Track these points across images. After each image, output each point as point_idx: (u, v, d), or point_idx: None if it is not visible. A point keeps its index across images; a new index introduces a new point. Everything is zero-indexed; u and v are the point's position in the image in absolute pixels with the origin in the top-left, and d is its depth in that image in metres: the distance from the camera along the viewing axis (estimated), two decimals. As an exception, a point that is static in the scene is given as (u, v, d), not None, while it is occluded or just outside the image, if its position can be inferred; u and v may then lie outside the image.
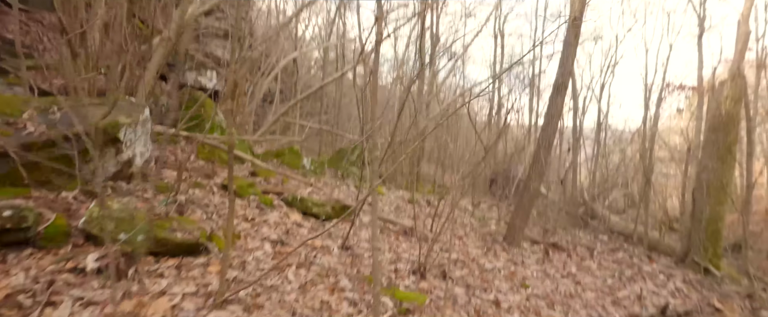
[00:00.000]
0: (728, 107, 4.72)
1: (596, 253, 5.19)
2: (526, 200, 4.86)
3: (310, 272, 2.89)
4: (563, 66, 4.63)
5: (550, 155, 4.88)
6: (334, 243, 3.58)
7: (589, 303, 3.38)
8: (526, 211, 4.88)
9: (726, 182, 4.70)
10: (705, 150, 4.92)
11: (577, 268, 4.42)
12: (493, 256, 4.34)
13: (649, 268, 4.71)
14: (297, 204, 4.42)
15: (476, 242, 5.07)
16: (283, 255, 3.06)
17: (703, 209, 4.77)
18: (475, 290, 3.17)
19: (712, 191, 4.71)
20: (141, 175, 3.51)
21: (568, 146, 10.99)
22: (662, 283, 4.22)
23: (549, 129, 4.72)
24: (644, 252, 5.58)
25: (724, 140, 4.74)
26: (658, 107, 12.90)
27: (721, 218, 4.72)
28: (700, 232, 4.76)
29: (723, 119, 4.76)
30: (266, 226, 3.53)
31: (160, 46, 4.70)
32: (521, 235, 4.93)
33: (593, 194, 10.21)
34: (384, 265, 3.32)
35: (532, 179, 4.80)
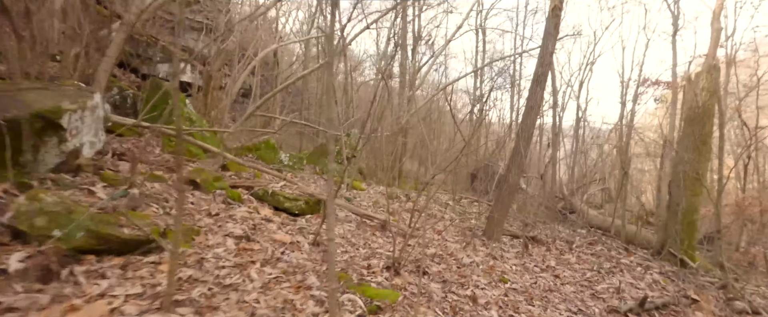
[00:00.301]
0: (704, 99, 4.74)
1: (575, 246, 5.15)
2: (506, 194, 4.77)
3: (275, 269, 2.68)
4: (543, 57, 4.54)
5: (529, 147, 4.79)
6: (305, 239, 3.37)
7: (569, 296, 3.29)
8: (506, 205, 4.78)
9: (702, 174, 4.73)
10: (681, 142, 4.93)
11: (556, 262, 4.35)
12: (471, 251, 4.23)
13: (627, 261, 4.69)
14: (268, 199, 4.20)
15: (455, 236, 4.95)
16: (247, 252, 2.85)
17: (679, 201, 4.79)
18: (452, 285, 3.03)
19: (688, 183, 4.73)
20: (92, 167, 3.22)
21: (548, 141, 11.05)
22: (640, 275, 4.19)
23: (529, 121, 4.63)
24: (622, 244, 5.59)
25: (700, 131, 4.76)
26: (635, 103, 13.16)
27: (696, 210, 4.74)
28: (676, 224, 4.78)
29: (699, 111, 4.78)
30: (231, 221, 3.30)
31: (120, 31, 4.37)
32: (501, 229, 4.84)
33: (572, 189, 10.29)
34: (357, 261, 3.14)
35: (511, 172, 4.71)
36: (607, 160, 12.67)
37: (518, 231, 5.66)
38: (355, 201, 5.85)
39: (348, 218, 4.68)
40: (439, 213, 6.80)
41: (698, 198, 4.72)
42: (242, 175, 5.14)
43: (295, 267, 2.77)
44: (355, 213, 4.71)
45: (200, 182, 3.74)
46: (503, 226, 4.87)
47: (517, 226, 6.68)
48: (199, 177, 3.78)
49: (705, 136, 4.76)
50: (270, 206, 4.15)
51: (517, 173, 4.71)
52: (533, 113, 4.62)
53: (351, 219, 4.67)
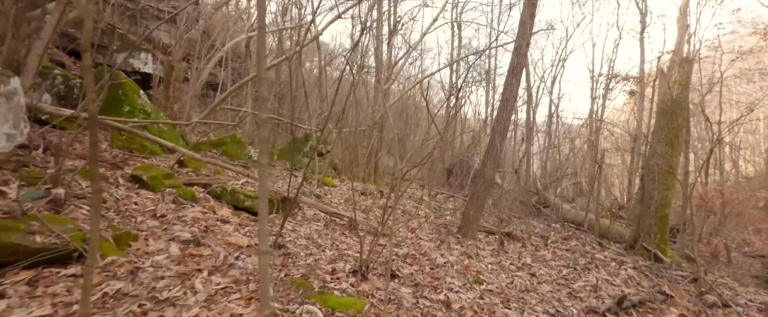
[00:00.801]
0: (676, 91, 4.72)
1: (550, 242, 5.06)
2: (481, 189, 4.59)
3: (225, 278, 2.36)
4: (518, 47, 4.37)
5: (505, 140, 4.63)
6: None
7: (545, 296, 3.13)
8: (481, 201, 4.61)
9: (674, 167, 4.72)
10: (654, 135, 4.91)
11: (532, 259, 4.21)
12: (446, 249, 4.02)
13: (601, 256, 4.63)
14: (227, 197, 3.84)
15: (430, 234, 4.74)
16: (195, 258, 2.51)
17: (652, 194, 4.77)
18: (424, 289, 2.79)
19: (660, 177, 4.71)
20: (12, 163, 2.79)
21: (522, 136, 11.06)
22: (615, 271, 4.11)
23: (504, 114, 4.47)
24: (596, 239, 5.56)
25: (672, 124, 4.74)
26: (605, 98, 13.41)
27: (668, 203, 4.73)
28: (649, 218, 4.76)
29: (671, 104, 4.76)
30: (180, 223, 2.94)
31: (55, 12, 3.86)
32: (476, 226, 4.67)
33: (546, 183, 10.35)
34: (321, 266, 2.85)
35: (487, 166, 4.53)
36: (579, 154, 12.86)
37: (494, 227, 5.53)
38: (325, 198, 5.55)
39: (316, 217, 4.39)
40: (413, 210, 6.60)
41: (670, 192, 4.72)
42: (201, 172, 4.74)
43: (250, 274, 2.46)
44: (324, 211, 4.42)
45: (147, 179, 3.35)
46: (479, 222, 4.70)
47: (492, 222, 6.56)
48: (146, 174, 3.39)
49: (677, 129, 4.75)
50: (229, 206, 3.80)
51: (493, 167, 4.54)
52: (509, 105, 4.45)
53: (319, 218, 4.38)
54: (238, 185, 4.10)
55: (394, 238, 4.20)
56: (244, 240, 2.96)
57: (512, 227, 5.82)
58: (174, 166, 4.50)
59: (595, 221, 5.72)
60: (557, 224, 7.21)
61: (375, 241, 3.31)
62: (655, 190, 4.74)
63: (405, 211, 6.25)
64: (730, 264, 7.83)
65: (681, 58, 4.76)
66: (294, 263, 2.84)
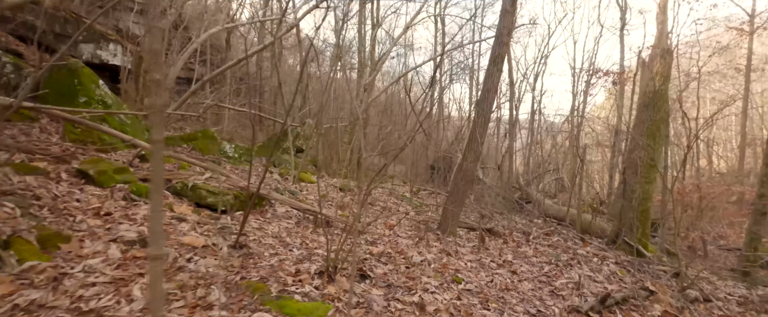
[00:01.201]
0: (658, 83, 4.64)
1: (532, 238, 4.92)
2: (462, 184, 4.41)
3: (171, 283, 2.09)
4: (500, 36, 4.19)
5: (486, 134, 4.45)
6: (225, 241, 2.78)
7: (527, 295, 2.95)
8: (462, 196, 4.43)
9: (656, 160, 4.63)
10: (636, 128, 4.82)
11: (513, 255, 4.05)
12: (424, 247, 3.82)
13: (583, 251, 4.51)
14: (188, 194, 3.54)
15: (409, 231, 4.53)
16: (138, 261, 2.22)
17: (633, 188, 4.67)
18: (397, 290, 2.58)
19: (642, 170, 4.62)
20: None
21: (505, 131, 10.99)
22: (597, 267, 3.98)
23: (485, 105, 4.28)
24: (577, 234, 5.46)
25: (654, 116, 4.66)
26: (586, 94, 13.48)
27: (650, 197, 4.65)
28: (631, 212, 4.67)
29: (653, 96, 4.67)
30: (128, 222, 2.64)
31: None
32: (456, 222, 4.48)
33: (528, 179, 10.29)
34: (286, 266, 2.60)
35: (467, 160, 4.34)
36: (561, 150, 12.90)
37: (475, 223, 5.36)
38: (300, 195, 5.28)
39: (288, 214, 4.12)
40: (394, 206, 6.39)
41: (652, 186, 4.63)
42: (165, 167, 4.40)
43: (200, 278, 2.19)
44: (296, 208, 4.15)
45: (94, 174, 3.02)
46: (459, 218, 4.52)
47: (474, 218, 6.41)
48: (94, 169, 3.06)
49: (659, 121, 4.67)
50: (190, 203, 3.50)
51: (474, 161, 4.36)
52: (490, 96, 4.27)
53: (291, 215, 4.11)
54: (201, 180, 3.79)
55: (370, 236, 3.98)
56: (199, 239, 2.68)
57: (494, 223, 5.68)
58: (134, 161, 4.16)
59: (577, 217, 5.63)
60: (539, 220, 7.11)
61: (345, 239, 3.07)
62: (637, 184, 4.65)
63: (385, 208, 6.03)
64: (706, 257, 7.90)
65: (662, 50, 4.68)
66: (255, 264, 2.58)
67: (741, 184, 12.30)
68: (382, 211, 5.73)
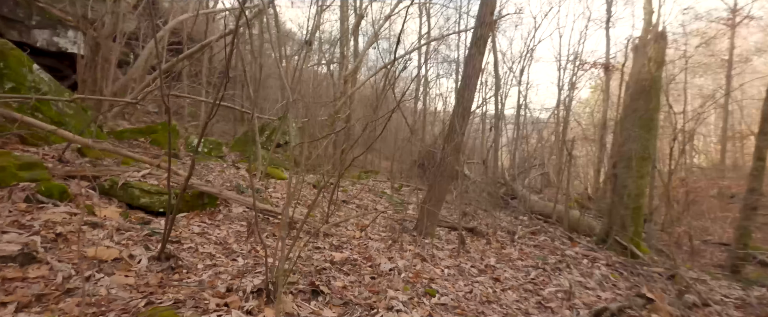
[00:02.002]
0: (651, 70, 4.26)
1: (517, 237, 4.51)
2: (441, 180, 3.96)
3: (43, 314, 1.57)
4: (482, 16, 3.74)
5: (467, 123, 4.00)
6: (146, 252, 2.26)
7: (511, 309, 2.52)
8: (441, 193, 3.98)
9: (650, 153, 4.27)
10: (628, 119, 4.45)
11: (496, 258, 3.63)
12: (397, 251, 3.35)
13: (572, 252, 4.12)
14: (118, 193, 2.99)
15: (383, 232, 4.07)
16: (12, 283, 1.70)
17: (625, 183, 4.30)
18: (356, 310, 2.11)
19: (635, 164, 4.25)
20: None
21: (490, 125, 10.62)
22: (588, 270, 3.59)
23: (466, 92, 3.83)
24: (565, 232, 5.08)
25: (648, 105, 4.28)
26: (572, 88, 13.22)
27: (643, 193, 4.29)
28: (622, 209, 4.30)
29: (645, 84, 4.30)
30: (18, 230, 2.09)
31: None
32: (435, 222, 4.04)
33: (514, 174, 9.95)
34: (219, 282, 2.10)
35: (447, 153, 3.89)
36: (547, 145, 12.61)
37: (456, 222, 4.93)
38: (265, 193, 4.76)
39: (245, 216, 3.60)
40: (371, 204, 5.92)
41: (645, 180, 4.27)
42: (105, 161, 3.83)
43: (92, 305, 1.67)
44: (251, 208, 3.63)
45: (-11, 170, 2.45)
46: (437, 218, 4.08)
47: (457, 215, 5.98)
48: (-7, 164, 2.49)
49: (652, 111, 4.30)
50: (119, 204, 2.95)
51: (455, 155, 3.92)
52: (471, 82, 3.82)
53: (249, 217, 3.59)
54: (137, 177, 3.24)
55: (337, 239, 3.50)
56: (112, 251, 2.15)
57: (477, 222, 5.26)
58: (64, 155, 3.58)
59: (565, 214, 5.25)
60: (524, 217, 6.74)
61: (300, 244, 2.60)
62: (629, 178, 4.28)
63: (361, 206, 5.56)
64: (693, 253, 7.68)
65: (656, 34, 4.31)
66: (180, 281, 2.08)
67: (722, 178, 12.23)
68: (356, 210, 5.25)
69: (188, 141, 7.78)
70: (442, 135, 11.58)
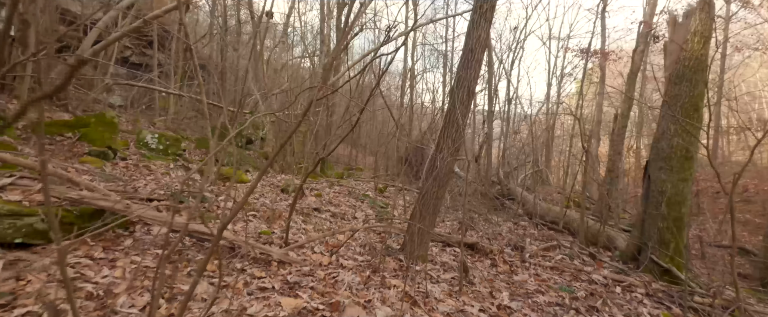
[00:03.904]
0: (696, 47, 3.40)
1: (528, 256, 3.59)
2: (435, 186, 2.99)
3: None
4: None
5: (469, 112, 3.03)
6: None
7: None
8: (434, 204, 3.01)
9: (692, 151, 3.41)
10: (665, 109, 3.57)
11: (509, 291, 2.69)
12: (378, 288, 2.38)
13: (599, 276, 3.23)
14: (-59, 217, 1.91)
15: (360, 254, 3.08)
16: None
17: (663, 188, 3.44)
18: None
19: (676, 164, 3.39)
20: None
21: (483, 118, 9.74)
22: (630, 307, 2.68)
23: (469, 71, 2.87)
24: (581, 246, 4.20)
25: (692, 92, 3.42)
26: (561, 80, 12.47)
27: (685, 200, 3.42)
28: (660, 220, 3.44)
29: (689, 64, 3.43)
30: None
31: None
32: (427, 243, 3.08)
33: (508, 171, 9.10)
34: None
35: (443, 151, 2.93)
36: (540, 141, 11.82)
37: (453, 234, 3.99)
38: (213, 203, 3.71)
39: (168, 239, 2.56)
40: (350, 212, 4.92)
41: (688, 184, 3.41)
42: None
43: None
44: (176, 230, 2.60)
45: None
46: (429, 236, 3.12)
47: (450, 223, 5.03)
48: None
49: (696, 98, 3.43)
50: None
51: (453, 153, 2.96)
52: (474, 59, 2.86)
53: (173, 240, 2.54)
54: None
55: (296, 270, 2.50)
56: None
57: (477, 234, 4.33)
58: None
59: (581, 224, 4.36)
60: (525, 221, 5.87)
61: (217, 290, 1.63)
62: (668, 182, 3.41)
63: (338, 215, 4.56)
64: (704, 258, 6.99)
65: (703, 2, 3.42)
66: None
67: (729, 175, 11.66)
68: (330, 220, 4.25)
69: (140, 137, 6.63)
70: (432, 129, 10.64)
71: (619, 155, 6.70)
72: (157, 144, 6.63)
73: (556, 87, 15.78)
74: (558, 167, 19.05)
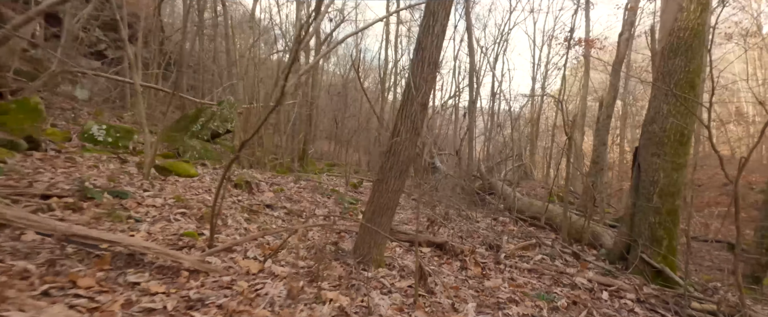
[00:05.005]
0: (691, 16, 2.97)
1: (504, 257, 3.12)
2: (393, 175, 2.49)
3: None
4: None
5: (433, 83, 2.51)
6: None
7: None
8: (390, 198, 2.51)
9: (688, 133, 2.98)
10: (657, 88, 3.13)
11: (476, 301, 2.21)
12: (307, 305, 1.86)
13: (583, 280, 2.78)
14: None
15: (303, 260, 2.56)
16: None
17: (655, 177, 3.00)
18: None
19: (669, 149, 2.96)
20: None
21: (464, 112, 9.30)
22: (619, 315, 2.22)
23: (431, 39, 2.36)
24: (563, 243, 3.75)
25: (686, 67, 2.98)
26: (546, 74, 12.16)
27: (679, 190, 2.99)
28: (651, 214, 3.01)
29: (684, 36, 2.99)
30: None
31: None
32: (383, 242, 2.57)
33: (490, 166, 8.67)
34: None
35: (400, 133, 2.43)
36: (524, 134, 11.45)
37: (421, 231, 3.50)
38: (136, 198, 3.12)
39: (37, 246, 1.98)
40: (311, 209, 4.38)
41: (682, 173, 2.98)
42: None
43: None
44: (49, 234, 2.02)
45: None
46: (387, 235, 2.61)
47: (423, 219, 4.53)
48: None
49: (692, 74, 3.00)
50: None
51: (412, 137, 2.46)
52: (438, 22, 2.36)
53: (44, 248, 1.97)
54: None
55: (211, 281, 1.96)
56: None
57: (448, 230, 3.85)
58: None
59: (564, 219, 3.91)
60: (506, 217, 5.43)
61: None
62: (661, 170, 2.98)
63: (294, 213, 4.01)
64: (690, 253, 6.68)
65: (700, -36, 2.99)
66: None
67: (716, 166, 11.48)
68: (284, 219, 3.71)
69: (85, 128, 5.96)
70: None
71: (604, 146, 6.33)
72: (104, 136, 5.97)
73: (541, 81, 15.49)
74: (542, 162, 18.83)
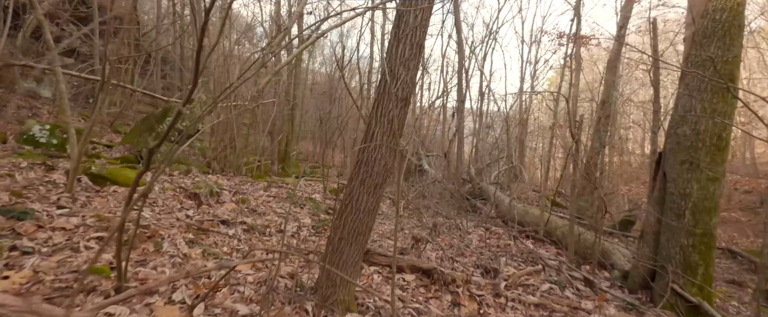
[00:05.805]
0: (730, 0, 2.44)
1: (504, 287, 2.54)
2: (365, 190, 1.89)
3: None
4: None
5: (416, 68, 1.90)
6: None
7: None
8: (363, 218, 1.91)
9: (727, 136, 2.45)
10: (684, 82, 2.59)
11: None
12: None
13: (604, 317, 2.23)
14: None
15: (246, 303, 1.93)
16: None
17: (686, 189, 2.47)
18: None
19: (703, 155, 2.43)
20: None
21: (453, 111, 8.77)
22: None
23: (415, 16, 1.77)
24: (570, 263, 3.19)
25: (726, 55, 2.45)
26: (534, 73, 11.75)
27: (715, 206, 2.45)
28: (683, 235, 2.47)
29: (721, 18, 2.47)
30: None
31: None
32: (356, 273, 1.96)
33: (480, 168, 8.14)
34: None
35: (375, 134, 1.83)
36: (514, 134, 10.98)
37: (403, 253, 2.91)
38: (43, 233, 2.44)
39: None
40: (276, 222, 3.73)
41: (719, 184, 2.44)
42: None
43: None
44: None
45: None
46: (358, 264, 2.01)
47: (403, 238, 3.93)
48: None
49: (731, 64, 2.47)
50: None
51: (390, 138, 1.87)
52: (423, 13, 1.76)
53: None
54: None
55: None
56: None
57: (435, 248, 3.25)
58: None
59: (569, 233, 3.32)
60: (499, 228, 4.88)
61: None
62: (693, 181, 2.45)
63: (254, 228, 3.37)
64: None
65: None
66: None
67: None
68: (241, 239, 3.06)
69: (24, 128, 5.20)
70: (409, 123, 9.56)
71: (603, 149, 5.86)
72: (47, 138, 5.21)
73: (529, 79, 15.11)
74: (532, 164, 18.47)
